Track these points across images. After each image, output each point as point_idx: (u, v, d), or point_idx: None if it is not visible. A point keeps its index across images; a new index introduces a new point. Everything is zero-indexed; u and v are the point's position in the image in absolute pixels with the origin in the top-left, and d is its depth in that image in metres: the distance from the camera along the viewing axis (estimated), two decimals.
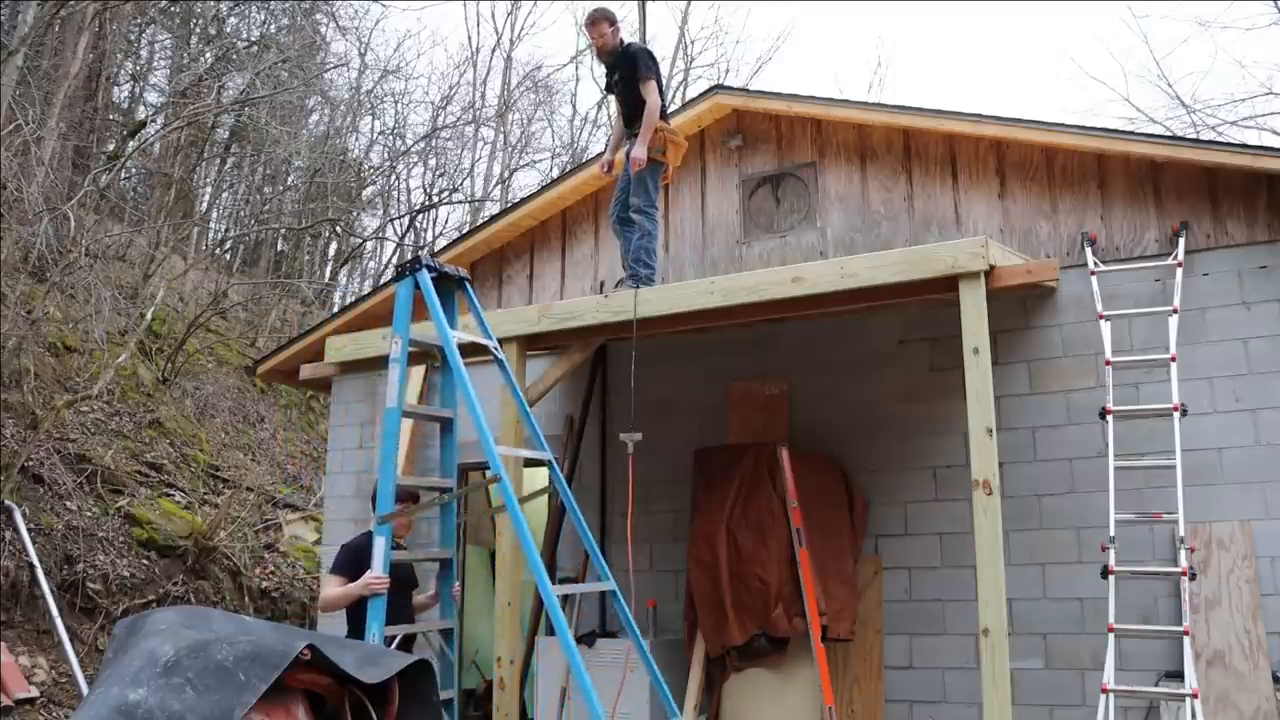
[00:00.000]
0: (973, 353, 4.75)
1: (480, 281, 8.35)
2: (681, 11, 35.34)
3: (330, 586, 4.98)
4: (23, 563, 8.58)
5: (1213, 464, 5.58)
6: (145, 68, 20.27)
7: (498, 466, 4.57)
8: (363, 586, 4.71)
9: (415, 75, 41.96)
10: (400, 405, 4.95)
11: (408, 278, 5.04)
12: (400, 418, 4.92)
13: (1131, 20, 35.63)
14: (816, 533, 6.05)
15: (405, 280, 5.04)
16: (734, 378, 7.00)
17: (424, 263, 5.01)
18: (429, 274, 4.99)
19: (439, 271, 5.09)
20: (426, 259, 5.03)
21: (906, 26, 40.42)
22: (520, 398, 5.25)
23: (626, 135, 6.35)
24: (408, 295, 5.03)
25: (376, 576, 4.67)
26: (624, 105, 6.37)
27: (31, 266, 11.74)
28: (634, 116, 6.23)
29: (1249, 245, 5.73)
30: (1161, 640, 5.48)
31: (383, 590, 4.65)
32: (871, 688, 6.18)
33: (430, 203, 23.41)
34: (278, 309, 18.64)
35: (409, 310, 5.03)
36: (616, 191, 6.45)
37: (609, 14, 6.37)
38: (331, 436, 8.87)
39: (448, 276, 5.15)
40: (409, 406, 5.02)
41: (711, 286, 5.60)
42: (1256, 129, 15.55)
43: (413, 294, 5.04)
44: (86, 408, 11.30)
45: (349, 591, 4.82)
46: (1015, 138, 6.38)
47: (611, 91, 6.54)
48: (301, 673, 2.99)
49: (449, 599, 5.19)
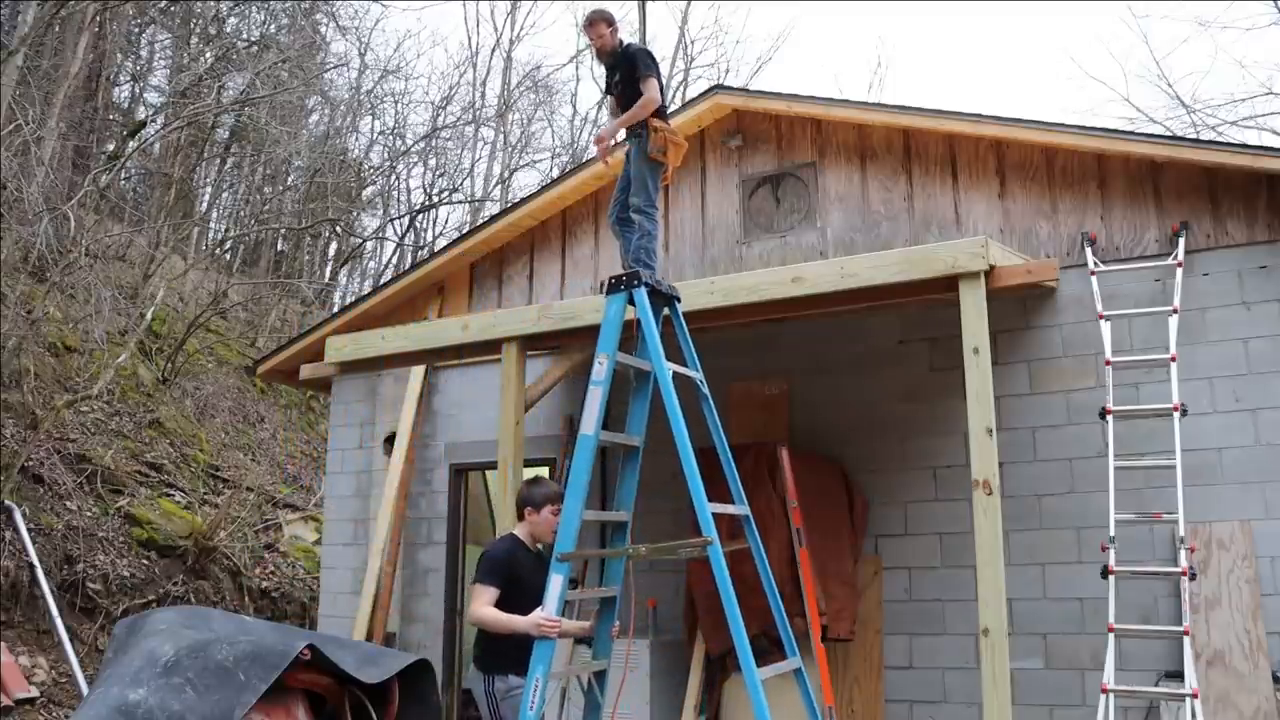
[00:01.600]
0: (973, 353, 4.75)
1: (480, 281, 8.36)
2: (681, 11, 35.36)
3: (484, 601, 4.40)
4: (23, 563, 8.58)
5: (1213, 464, 5.58)
6: (145, 68, 20.29)
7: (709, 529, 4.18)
8: (532, 626, 4.24)
9: (415, 75, 41.94)
10: (597, 433, 4.47)
11: (621, 293, 4.59)
12: (596, 446, 4.46)
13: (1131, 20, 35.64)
14: (816, 533, 6.05)
15: (618, 295, 4.59)
16: (734, 378, 7.00)
17: (644, 280, 4.57)
18: (644, 290, 4.56)
19: (653, 289, 4.64)
20: (648, 276, 4.62)
21: (906, 26, 40.44)
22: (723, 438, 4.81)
23: (629, 134, 6.34)
24: (619, 312, 4.59)
25: (550, 620, 4.23)
26: (623, 105, 6.37)
27: (31, 266, 11.74)
28: None
29: (1249, 245, 5.73)
30: (1161, 640, 5.48)
31: (553, 634, 4.23)
32: (871, 688, 6.18)
33: (430, 203, 23.43)
34: (278, 309, 18.64)
35: (618, 329, 4.57)
36: (616, 192, 6.45)
37: (606, 15, 6.37)
38: (331, 436, 8.88)
39: (658, 293, 4.72)
40: (605, 436, 4.56)
41: (711, 286, 5.61)
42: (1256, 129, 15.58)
43: (624, 311, 4.63)
44: (86, 408, 11.30)
45: (514, 625, 4.30)
46: (1015, 138, 6.38)
47: (611, 93, 6.54)
48: (301, 673, 3.00)
49: (606, 638, 4.72)
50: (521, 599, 4.38)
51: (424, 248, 22.80)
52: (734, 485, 4.70)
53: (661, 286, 4.74)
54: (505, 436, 5.85)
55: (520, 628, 4.27)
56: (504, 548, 4.63)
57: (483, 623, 4.41)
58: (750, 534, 4.65)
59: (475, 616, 4.42)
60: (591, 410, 4.47)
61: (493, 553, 4.60)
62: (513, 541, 4.66)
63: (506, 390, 5.94)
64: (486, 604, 4.38)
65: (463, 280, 8.39)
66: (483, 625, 4.43)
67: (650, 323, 4.50)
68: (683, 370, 4.70)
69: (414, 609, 8.00)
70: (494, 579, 4.43)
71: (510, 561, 4.52)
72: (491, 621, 4.36)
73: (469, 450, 8.00)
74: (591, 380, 4.51)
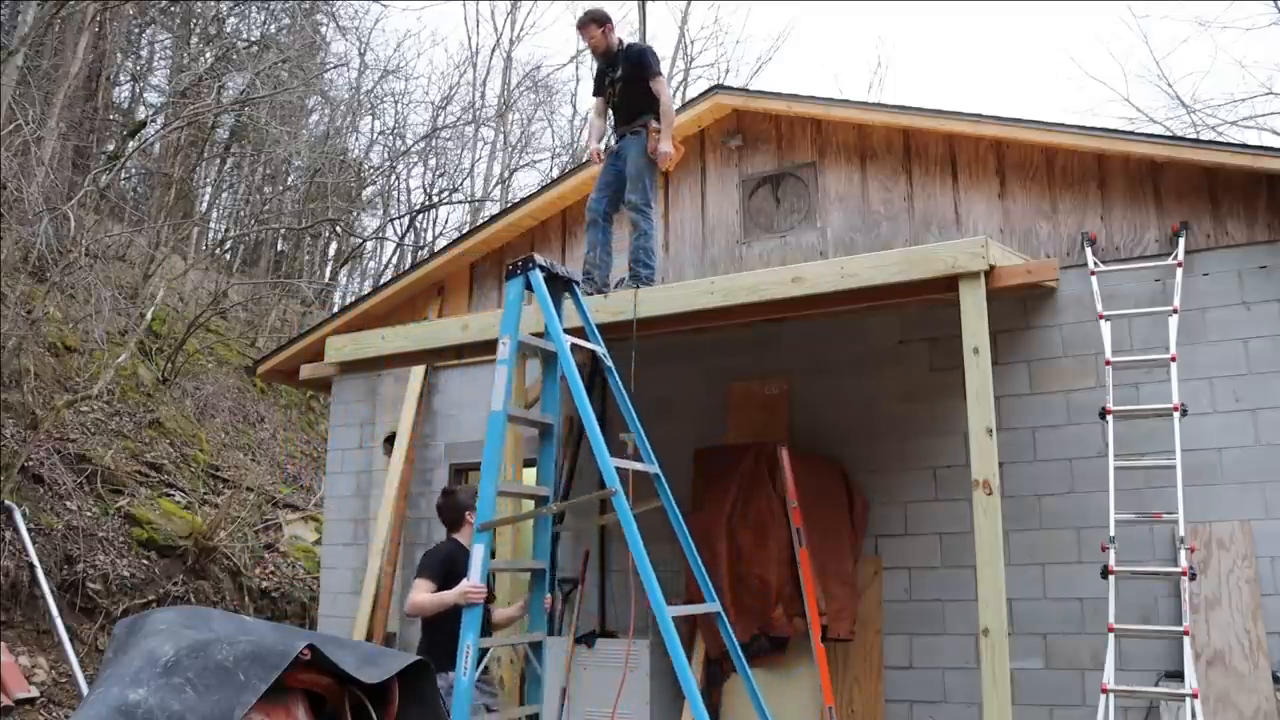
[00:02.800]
0: (973, 353, 4.75)
1: (480, 281, 8.36)
2: (681, 11, 35.37)
3: (420, 591, 4.68)
4: (23, 563, 8.58)
5: (1213, 464, 5.58)
6: (145, 68, 20.29)
7: (612, 480, 4.35)
8: (459, 595, 4.48)
9: (415, 75, 41.96)
10: (506, 409, 4.74)
11: (519, 276, 4.88)
12: (505, 422, 4.75)
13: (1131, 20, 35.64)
14: (816, 533, 6.05)
15: (516, 279, 4.89)
16: (734, 378, 7.00)
17: (537, 262, 4.83)
18: (541, 274, 4.83)
19: (549, 271, 4.91)
20: (540, 259, 4.86)
21: (906, 26, 40.45)
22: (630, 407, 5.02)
23: (628, 132, 6.34)
24: (518, 294, 4.88)
25: (475, 586, 4.45)
26: (623, 103, 6.37)
27: (31, 266, 11.74)
28: (635, 114, 6.25)
29: (1249, 245, 5.73)
30: (1161, 640, 5.48)
31: (480, 600, 4.45)
32: (871, 688, 6.18)
33: (430, 203, 23.43)
34: (278, 309, 18.64)
35: (519, 310, 4.86)
36: (598, 189, 6.44)
37: (596, 15, 6.40)
38: (331, 436, 8.88)
39: (557, 277, 4.98)
40: (512, 411, 4.84)
41: (711, 286, 5.61)
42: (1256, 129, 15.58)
43: (523, 294, 4.90)
44: (86, 408, 11.31)
45: (443, 599, 4.57)
46: (1015, 138, 6.38)
47: (600, 93, 6.55)
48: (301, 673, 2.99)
49: (540, 610, 4.94)
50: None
51: (424, 248, 22.81)
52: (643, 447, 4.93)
53: (558, 270, 4.98)
54: (505, 436, 5.84)
55: (449, 599, 4.53)
56: (445, 548, 4.93)
57: (418, 608, 4.67)
58: (662, 490, 4.87)
59: (411, 604, 4.70)
60: (499, 387, 4.77)
61: (432, 551, 4.97)
62: (453, 544, 4.94)
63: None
64: (423, 594, 4.67)
65: (463, 280, 8.39)
66: (419, 612, 4.68)
67: (546, 300, 4.78)
68: (584, 344, 4.99)
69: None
70: (432, 572, 4.73)
71: (449, 559, 4.79)
72: (425, 604, 4.63)
73: (469, 450, 7.99)
74: (498, 360, 4.81)
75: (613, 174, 6.37)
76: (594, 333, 5.10)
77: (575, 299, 5.14)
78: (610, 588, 7.14)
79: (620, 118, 6.41)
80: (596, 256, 6.29)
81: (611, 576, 7.16)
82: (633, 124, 6.28)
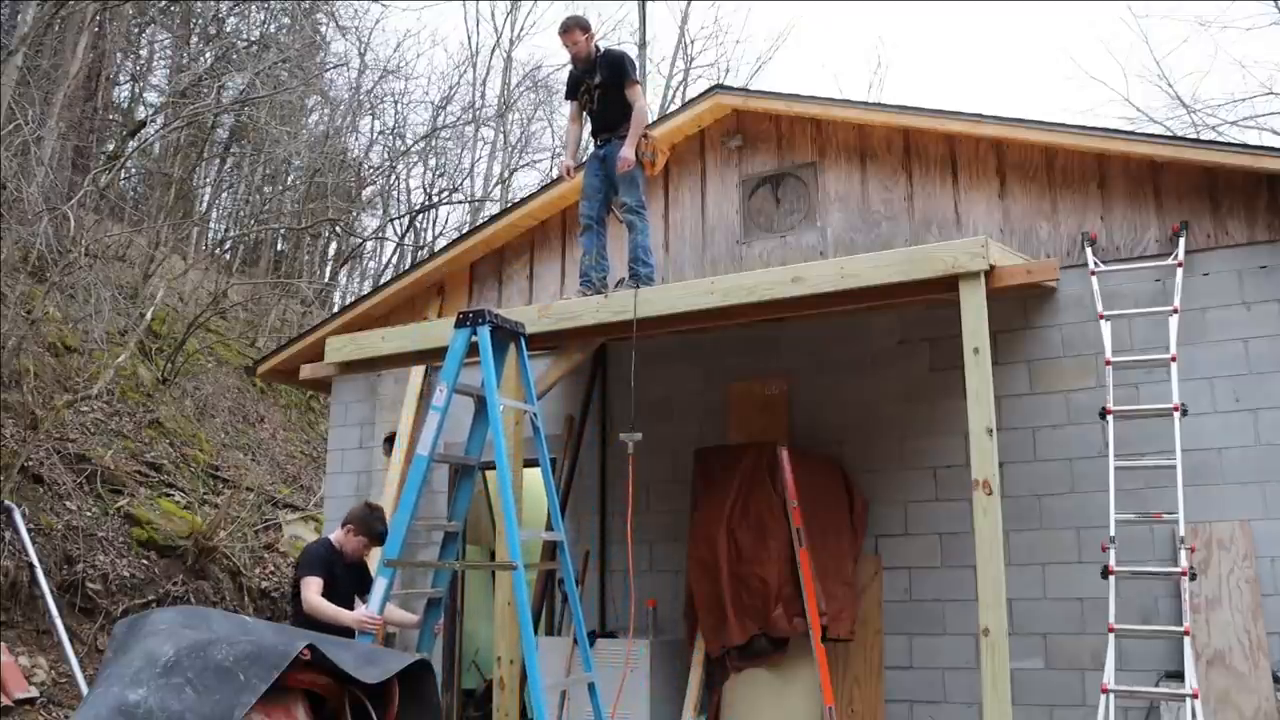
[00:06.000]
0: (973, 353, 4.74)
1: (480, 281, 8.35)
2: (681, 11, 35.30)
3: (315, 590, 5.06)
4: (23, 563, 8.57)
5: (1213, 464, 5.58)
6: (145, 68, 20.27)
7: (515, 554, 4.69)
8: (355, 622, 4.89)
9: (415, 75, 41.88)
10: (432, 455, 4.93)
11: (466, 328, 5.02)
12: (429, 465, 4.93)
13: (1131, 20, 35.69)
14: (816, 533, 6.05)
15: (463, 330, 5.03)
16: (734, 378, 7.00)
17: (487, 318, 4.98)
18: (488, 328, 4.97)
19: (495, 324, 5.06)
20: (491, 313, 5.00)
21: (906, 26, 40.43)
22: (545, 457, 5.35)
23: (614, 137, 6.35)
24: (463, 345, 5.02)
25: (372, 618, 4.85)
26: (603, 109, 6.39)
27: (31, 266, 11.73)
28: (617, 119, 6.27)
29: (1249, 245, 5.73)
30: (1162, 640, 5.48)
31: (373, 631, 4.85)
32: (871, 688, 6.18)
33: (430, 203, 23.42)
34: (278, 309, 18.62)
35: (460, 360, 5.00)
36: (588, 192, 6.46)
37: (583, 22, 6.46)
38: (331, 436, 8.88)
39: (503, 329, 5.15)
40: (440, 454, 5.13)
41: (711, 286, 5.60)
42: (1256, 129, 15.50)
43: (468, 343, 5.03)
44: (86, 408, 11.30)
45: (340, 618, 4.92)
46: (1015, 138, 6.38)
47: (573, 98, 6.58)
48: (301, 673, 3.00)
49: (430, 634, 5.35)
50: (332, 595, 5.07)
51: (424, 248, 22.78)
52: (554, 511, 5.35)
53: (507, 324, 5.14)
54: (505, 436, 5.84)
55: (345, 621, 4.90)
56: (325, 547, 5.36)
57: (317, 611, 4.96)
58: (562, 555, 5.26)
59: (310, 605, 5.01)
60: (428, 432, 4.93)
61: (314, 549, 5.38)
62: (330, 545, 5.37)
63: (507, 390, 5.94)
64: (317, 593, 5.04)
65: (463, 280, 8.39)
66: (317, 614, 4.95)
67: (488, 357, 4.91)
68: (516, 405, 5.29)
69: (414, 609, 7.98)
70: (319, 570, 5.14)
71: (328, 559, 5.25)
72: (323, 611, 4.95)
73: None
74: (431, 406, 4.97)
75: (600, 179, 6.39)
76: (530, 387, 5.32)
77: (520, 351, 5.31)
78: (609, 588, 7.15)
79: (601, 124, 6.42)
80: (594, 260, 6.34)
81: (611, 576, 7.17)
82: (617, 130, 6.30)
